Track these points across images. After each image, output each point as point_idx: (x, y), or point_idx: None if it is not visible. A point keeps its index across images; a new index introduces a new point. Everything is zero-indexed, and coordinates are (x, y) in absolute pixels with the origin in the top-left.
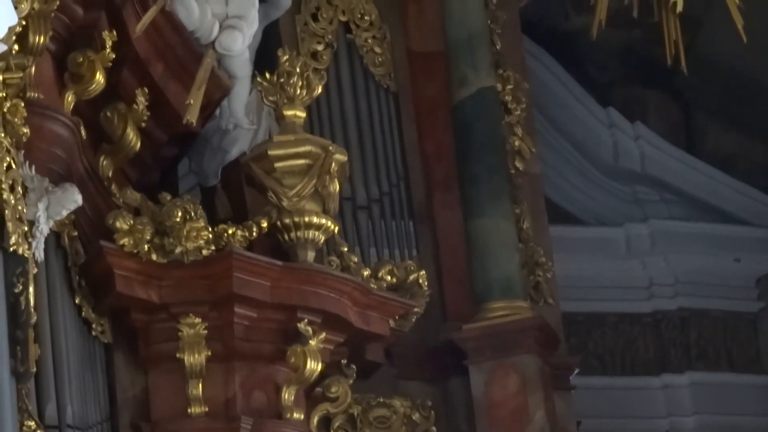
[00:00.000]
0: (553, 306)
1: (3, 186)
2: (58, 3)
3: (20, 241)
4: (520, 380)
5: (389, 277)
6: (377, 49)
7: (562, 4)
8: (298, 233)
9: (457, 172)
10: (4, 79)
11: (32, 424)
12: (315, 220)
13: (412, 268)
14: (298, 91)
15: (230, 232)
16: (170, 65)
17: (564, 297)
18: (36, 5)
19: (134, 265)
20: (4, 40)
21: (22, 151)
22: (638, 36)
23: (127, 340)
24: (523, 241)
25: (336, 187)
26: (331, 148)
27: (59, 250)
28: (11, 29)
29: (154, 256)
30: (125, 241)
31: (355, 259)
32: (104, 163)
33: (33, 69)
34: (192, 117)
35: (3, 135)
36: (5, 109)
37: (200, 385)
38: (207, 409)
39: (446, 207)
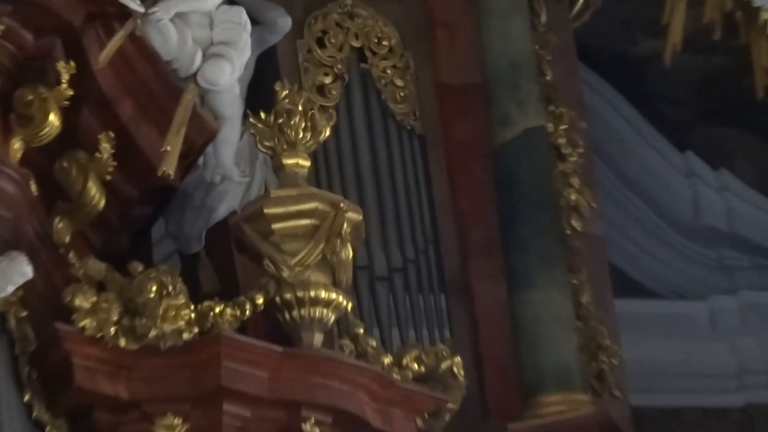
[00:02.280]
0: (620, 399)
1: None
2: (1, 27)
3: None
4: None
5: (416, 366)
6: (398, 82)
7: (628, 25)
8: (303, 311)
9: (499, 233)
10: None
11: None
12: (323, 294)
13: (445, 353)
14: (301, 135)
15: (217, 310)
16: (142, 104)
17: (634, 388)
18: None
19: (98, 352)
20: None
21: None
22: (721, 63)
23: None
24: (582, 318)
25: (349, 253)
26: (342, 204)
27: (4, 335)
28: None
29: (122, 342)
30: (87, 322)
31: (374, 344)
32: (60, 225)
33: None
34: (169, 168)
35: None
36: None
37: None
38: None
39: (486, 277)
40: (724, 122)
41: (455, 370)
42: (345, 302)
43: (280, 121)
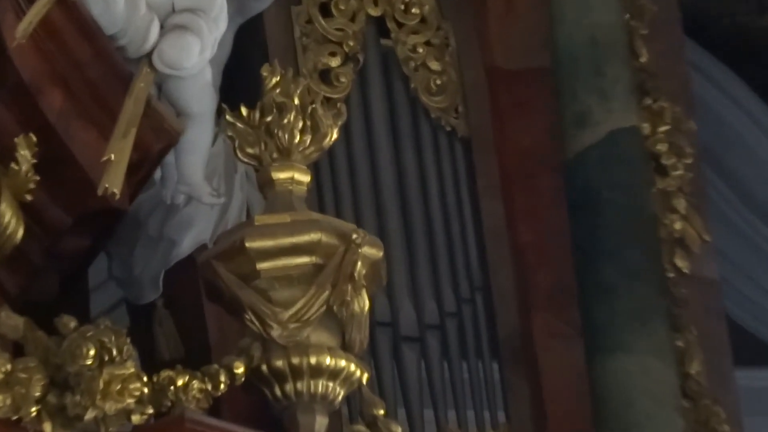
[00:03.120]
0: None
1: None
2: None
3: None
4: None
5: None
6: (434, 65)
7: None
8: (300, 385)
9: (573, 276)
10: None
11: None
12: (328, 361)
13: None
14: (298, 138)
15: (180, 383)
16: (75, 95)
17: None
18: None
19: None
20: None
21: None
22: None
23: None
24: (690, 395)
25: (365, 304)
26: (355, 236)
27: None
28: None
29: (47, 427)
30: None
31: (399, 430)
32: None
33: None
34: (113, 184)
35: None
36: None
37: None
38: None
39: (555, 337)
40: None
41: None
42: (359, 372)
43: (269, 119)
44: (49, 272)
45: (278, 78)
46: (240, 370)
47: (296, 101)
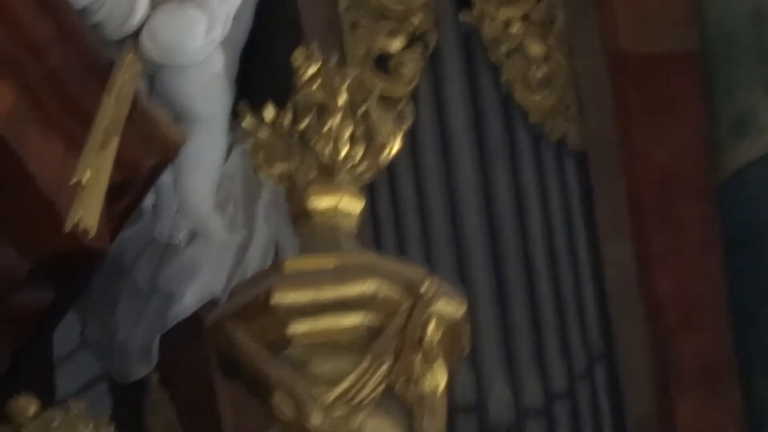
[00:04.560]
0: None
1: None
2: None
3: None
4: None
5: None
6: (534, 49)
7: None
8: None
9: (731, 339)
10: None
11: None
12: None
13: None
14: (344, 152)
15: None
16: (32, 92)
17: None
18: None
19: None
20: None
21: None
22: None
23: None
24: None
25: (439, 381)
26: (425, 286)
27: None
28: None
29: None
30: None
31: None
32: None
33: None
34: (86, 217)
35: None
36: None
37: None
38: None
39: (708, 428)
40: None
41: None
42: None
43: (304, 124)
44: (1, 341)
45: (317, 67)
46: None
47: (342, 100)
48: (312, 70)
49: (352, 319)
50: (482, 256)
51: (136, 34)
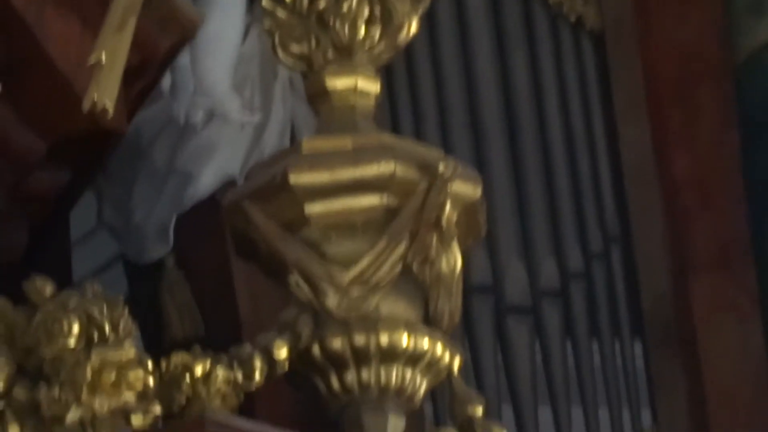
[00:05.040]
0: None
1: None
2: None
3: None
4: None
5: None
6: None
7: None
8: (365, 374)
9: (748, 226)
10: None
11: None
12: (405, 342)
13: None
14: (362, 33)
15: (199, 371)
16: None
17: None
18: None
19: None
20: None
21: None
22: None
23: None
24: None
25: (456, 262)
26: (442, 167)
27: None
28: None
29: (14, 430)
30: None
31: None
32: None
33: None
34: (104, 96)
35: None
36: None
37: None
38: None
39: (723, 309)
40: None
41: None
42: (448, 356)
43: (322, 4)
44: (15, 220)
45: None
46: (282, 353)
47: None
48: None
49: (368, 200)
50: (499, 137)
51: None
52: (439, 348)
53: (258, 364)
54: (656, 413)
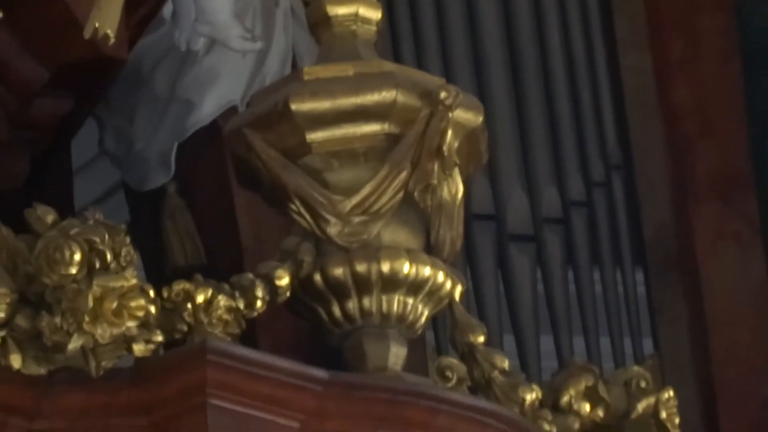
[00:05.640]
0: None
1: None
2: None
3: None
4: None
5: (588, 407)
6: None
7: None
8: (366, 302)
9: (750, 153)
10: None
11: None
12: (407, 269)
13: (644, 384)
14: None
15: (200, 299)
16: None
17: None
18: None
19: None
20: None
21: None
22: None
23: None
24: None
25: (458, 190)
26: (444, 94)
27: None
28: None
29: (15, 360)
30: None
31: (506, 364)
32: None
33: None
34: (105, 23)
35: None
36: None
37: None
38: None
39: (725, 237)
40: None
41: (663, 414)
42: (449, 284)
43: None
44: (17, 148)
45: None
46: (283, 281)
47: None
48: None
49: (370, 127)
50: (500, 66)
51: None
52: (440, 276)
53: (259, 292)
54: (658, 341)
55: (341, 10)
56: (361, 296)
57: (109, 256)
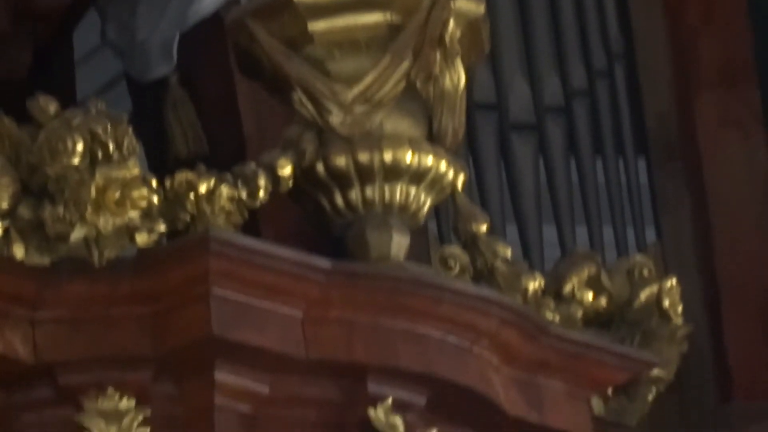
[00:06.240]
0: None
1: None
2: None
3: None
4: None
5: (590, 296)
6: None
7: None
8: (369, 191)
9: (752, 42)
10: None
11: None
12: (409, 158)
13: (646, 273)
14: None
15: (203, 189)
16: None
17: None
18: None
19: None
20: None
21: None
22: None
23: None
24: None
25: (459, 79)
26: None
27: None
28: None
29: (18, 250)
30: None
31: (508, 253)
32: None
33: None
34: None
35: None
36: None
37: None
38: None
39: (728, 125)
40: None
41: (666, 303)
42: (451, 173)
43: None
44: (20, 40)
45: None
46: (286, 170)
47: None
48: None
49: (372, 17)
50: None
51: None
52: (443, 165)
53: (262, 182)
54: (660, 230)
55: None
56: (364, 185)
57: (111, 147)
